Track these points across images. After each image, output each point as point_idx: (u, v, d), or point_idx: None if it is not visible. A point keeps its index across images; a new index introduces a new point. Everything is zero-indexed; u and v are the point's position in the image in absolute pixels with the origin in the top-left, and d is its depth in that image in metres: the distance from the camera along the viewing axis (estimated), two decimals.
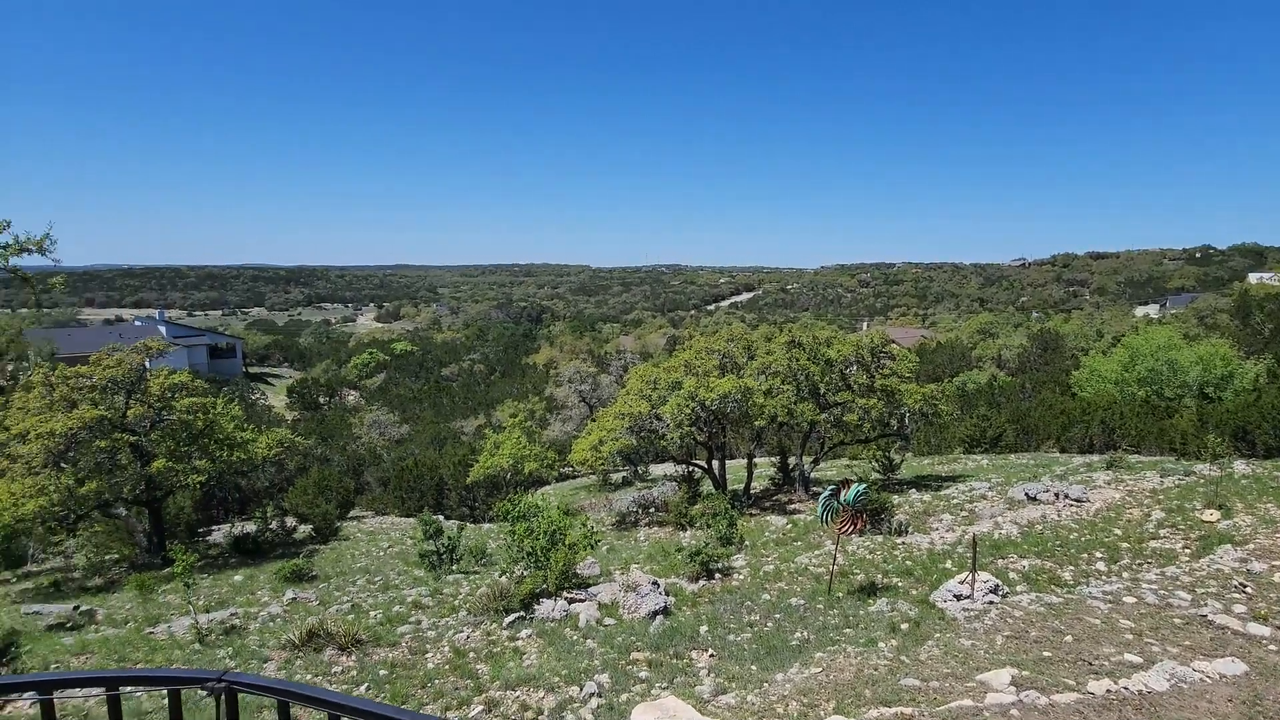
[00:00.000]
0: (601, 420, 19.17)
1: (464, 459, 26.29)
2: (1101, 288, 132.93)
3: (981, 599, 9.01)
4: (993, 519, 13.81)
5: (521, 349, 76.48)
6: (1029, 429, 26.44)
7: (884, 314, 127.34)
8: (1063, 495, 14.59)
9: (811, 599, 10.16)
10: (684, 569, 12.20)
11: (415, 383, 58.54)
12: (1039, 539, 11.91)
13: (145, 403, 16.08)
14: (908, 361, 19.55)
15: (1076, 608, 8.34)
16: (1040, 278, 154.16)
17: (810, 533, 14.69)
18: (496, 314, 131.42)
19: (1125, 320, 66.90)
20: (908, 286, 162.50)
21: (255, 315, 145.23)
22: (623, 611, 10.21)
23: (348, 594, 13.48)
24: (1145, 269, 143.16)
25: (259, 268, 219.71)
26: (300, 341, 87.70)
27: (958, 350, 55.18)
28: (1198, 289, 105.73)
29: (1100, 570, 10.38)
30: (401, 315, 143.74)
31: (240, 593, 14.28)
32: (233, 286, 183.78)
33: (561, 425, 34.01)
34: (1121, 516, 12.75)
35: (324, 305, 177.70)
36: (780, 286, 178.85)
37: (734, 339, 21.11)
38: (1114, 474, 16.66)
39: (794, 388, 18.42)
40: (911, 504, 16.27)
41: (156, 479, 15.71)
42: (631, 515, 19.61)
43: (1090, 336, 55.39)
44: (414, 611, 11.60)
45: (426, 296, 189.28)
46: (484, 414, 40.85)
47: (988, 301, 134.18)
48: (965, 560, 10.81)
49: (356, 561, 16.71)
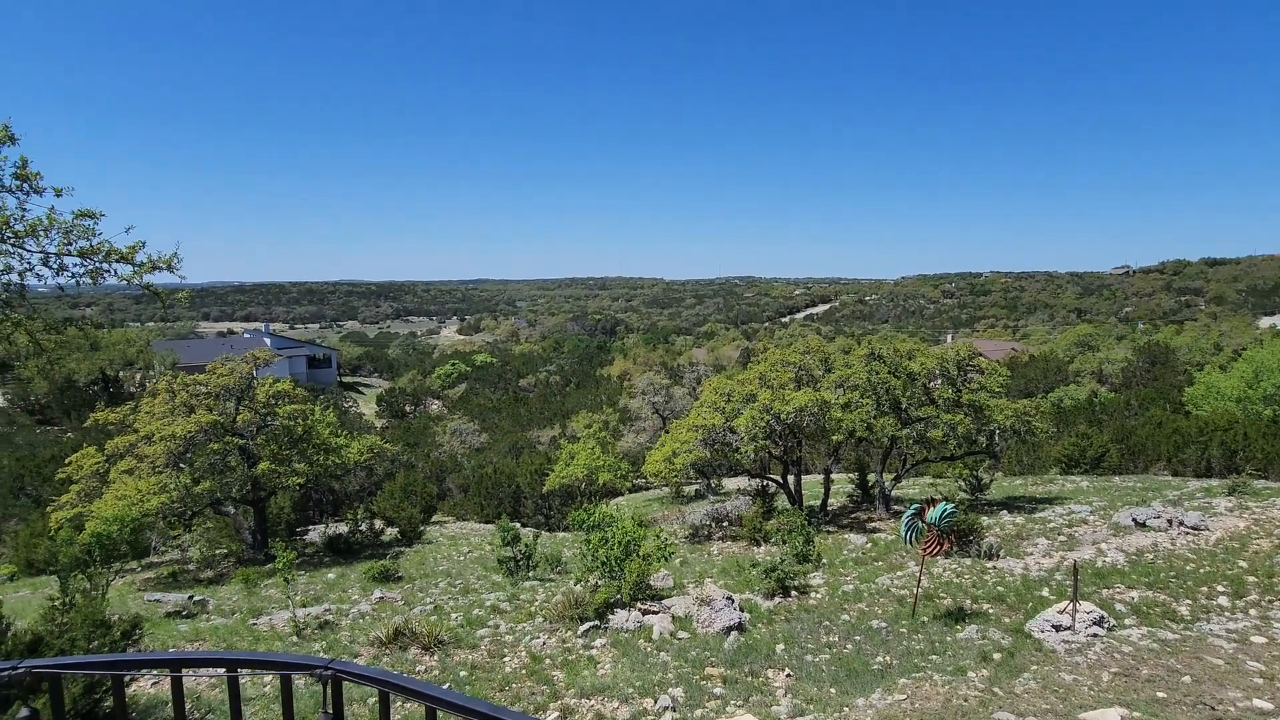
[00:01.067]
0: (675, 432, 19.15)
1: (540, 468, 26.87)
2: (1219, 296, 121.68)
3: (1084, 631, 8.40)
4: (1095, 545, 12.84)
5: (596, 361, 77.59)
6: (1135, 449, 24.46)
7: (970, 326, 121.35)
8: (1177, 522, 13.40)
9: (894, 622, 9.75)
10: (759, 585, 11.98)
11: (494, 393, 60.44)
12: (1150, 569, 10.98)
13: (252, 409, 17.37)
14: (997, 375, 18.53)
15: (1195, 646, 7.64)
16: (1147, 286, 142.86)
17: (892, 553, 14.12)
18: (572, 326, 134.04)
19: (1248, 332, 60.98)
20: (996, 297, 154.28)
21: (349, 328, 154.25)
22: (696, 625, 10.13)
23: (430, 595, 14.00)
24: (1272, 275, 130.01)
25: (353, 283, 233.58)
26: (389, 353, 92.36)
27: (1052, 364, 51.81)
28: None
29: (1223, 605, 9.46)
30: (482, 327, 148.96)
31: (333, 590, 15.09)
32: (329, 301, 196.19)
33: (635, 437, 34.20)
34: (1247, 547, 11.59)
35: (411, 318, 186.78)
36: (858, 298, 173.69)
37: (810, 351, 20.65)
38: (1237, 500, 15.17)
39: (874, 401, 17.82)
40: (1002, 526, 15.37)
41: (261, 480, 16.88)
42: (704, 528, 19.44)
43: (1207, 350, 50.79)
44: (492, 615, 11.92)
45: (505, 309, 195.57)
46: (559, 424, 41.64)
47: (1086, 312, 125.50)
48: (1064, 588, 10.10)
49: (439, 565, 17.34)
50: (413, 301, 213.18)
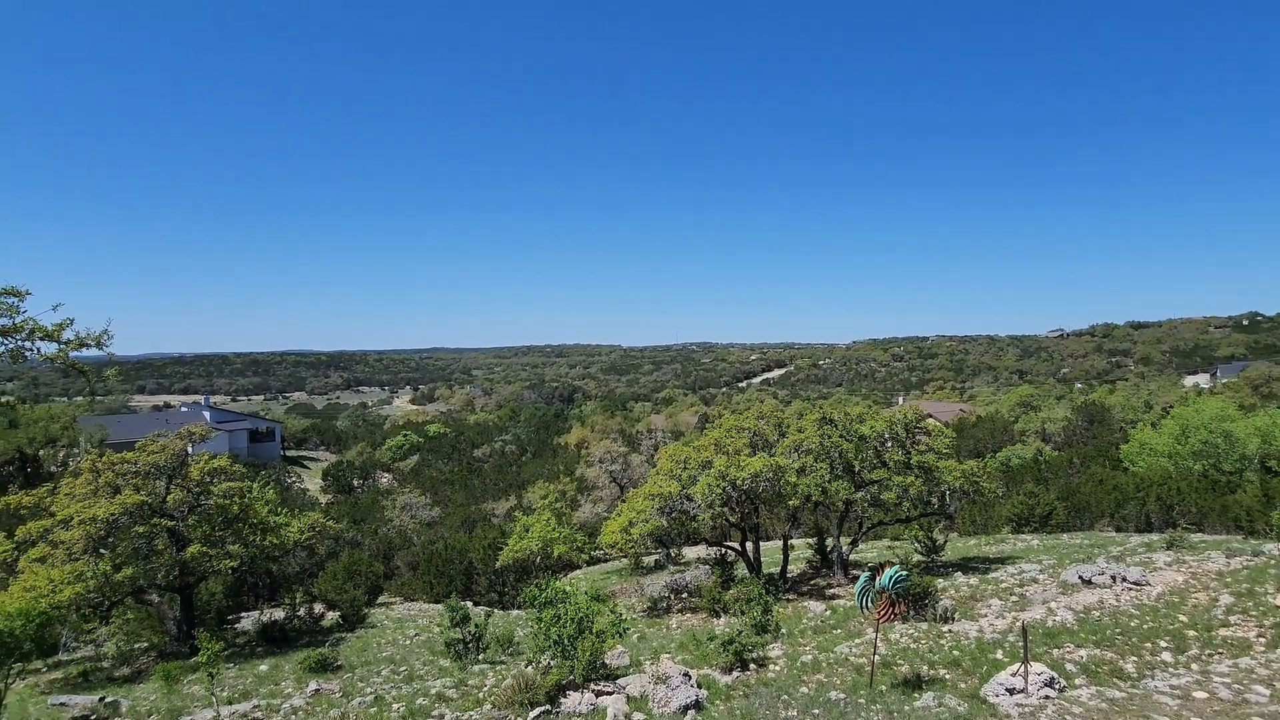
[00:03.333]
0: (631, 501, 18.91)
1: (494, 542, 26.01)
2: (1145, 357, 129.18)
3: (1037, 693, 8.38)
4: (1045, 604, 12.99)
5: (553, 429, 76.74)
6: (1080, 506, 25.20)
7: (919, 388, 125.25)
8: (1120, 578, 13.71)
9: (853, 692, 9.56)
10: (717, 659, 11.65)
11: (448, 464, 58.87)
12: (1097, 627, 11.14)
13: (185, 487, 16.48)
14: (944, 437, 19.05)
15: (1142, 703, 7.70)
16: (1080, 348, 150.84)
17: (850, 620, 13.98)
18: (529, 394, 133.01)
19: (1174, 390, 64.56)
20: (943, 360, 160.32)
21: (296, 399, 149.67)
22: (652, 705, 9.73)
23: (371, 685, 13.15)
24: (1191, 337, 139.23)
25: (301, 353, 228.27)
26: (337, 424, 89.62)
27: (999, 424, 53.60)
28: (1248, 357, 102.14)
29: (1166, 661, 9.61)
30: (436, 397, 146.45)
31: (264, 683, 14.03)
32: (275, 372, 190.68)
33: (592, 506, 33.58)
34: (1186, 601, 11.90)
35: (362, 388, 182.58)
36: (812, 362, 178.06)
37: (764, 416, 20.92)
38: (1175, 554, 15.67)
39: (827, 465, 18.03)
40: (957, 588, 15.44)
41: (191, 564, 15.85)
42: (664, 601, 18.96)
43: (1138, 408, 53.43)
44: (437, 704, 11.23)
45: (460, 378, 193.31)
46: (515, 495, 40.65)
47: (1026, 374, 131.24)
48: (1017, 650, 10.13)
49: (382, 650, 16.36)
50: (364, 371, 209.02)
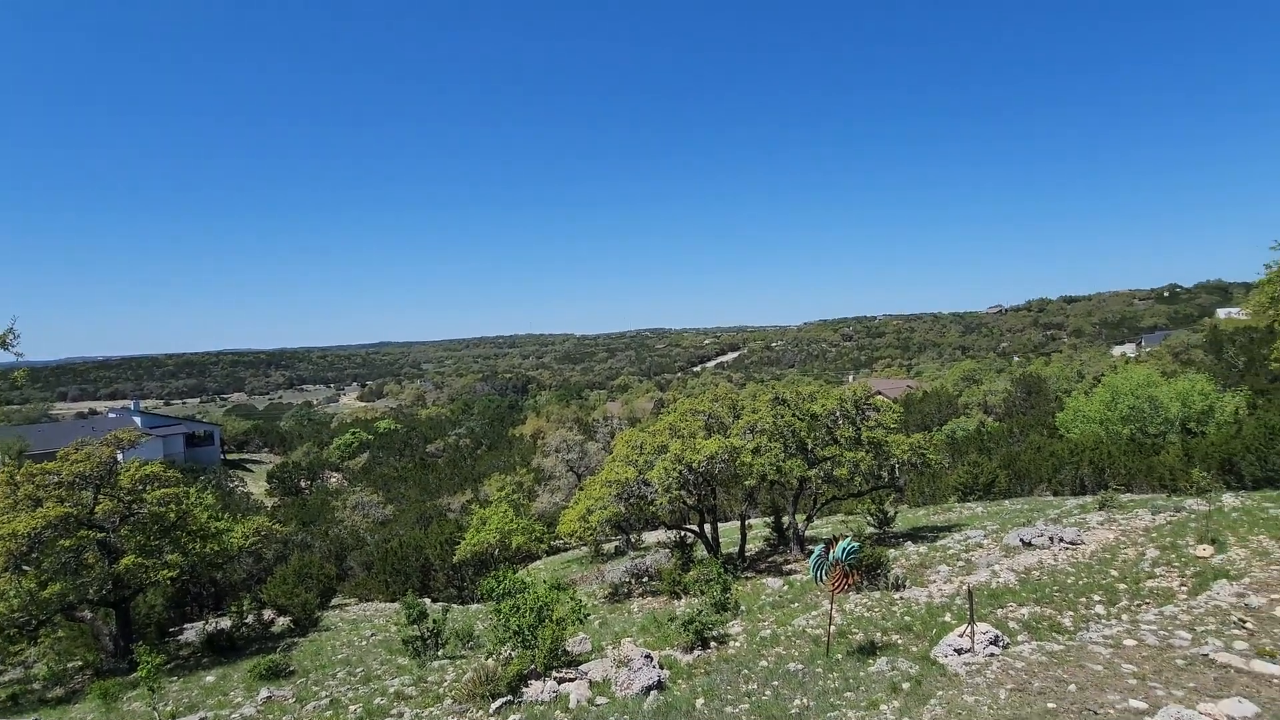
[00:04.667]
0: (589, 489, 18.84)
1: (450, 537, 25.59)
2: (1078, 330, 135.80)
3: (983, 651, 8.73)
4: (989, 568, 13.54)
5: (508, 421, 75.89)
6: (1020, 473, 26.35)
7: (868, 366, 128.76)
8: (1057, 539, 14.40)
9: (810, 662, 9.78)
10: (678, 639, 11.75)
11: (400, 461, 57.61)
12: (1037, 586, 11.67)
13: (115, 497, 15.58)
14: (891, 412, 19.59)
15: (1078, 654, 8.09)
16: (1017, 323, 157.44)
17: (807, 593, 14.29)
18: (482, 387, 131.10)
19: (1104, 360, 68.06)
20: (890, 338, 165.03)
21: (235, 400, 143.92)
22: (615, 689, 9.75)
23: (326, 689, 12.79)
24: (1118, 310, 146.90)
25: (239, 352, 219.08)
26: (281, 425, 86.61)
27: (944, 398, 55.54)
28: (1169, 326, 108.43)
29: (1099, 614, 10.14)
30: (385, 393, 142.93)
31: (212, 695, 13.49)
32: (211, 373, 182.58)
33: (550, 496, 33.39)
34: (1117, 557, 12.57)
35: (306, 387, 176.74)
36: (765, 344, 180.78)
37: (718, 399, 21.10)
38: (1106, 514, 16.53)
39: (781, 445, 18.32)
40: (908, 556, 15.96)
41: (125, 577, 15.04)
42: (624, 586, 19.02)
43: (1071, 378, 56.12)
44: (396, 703, 11.01)
45: (410, 373, 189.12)
46: (471, 489, 40.08)
47: (969, 349, 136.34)
48: (964, 612, 10.52)
49: (337, 653, 15.93)
50: (307, 369, 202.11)
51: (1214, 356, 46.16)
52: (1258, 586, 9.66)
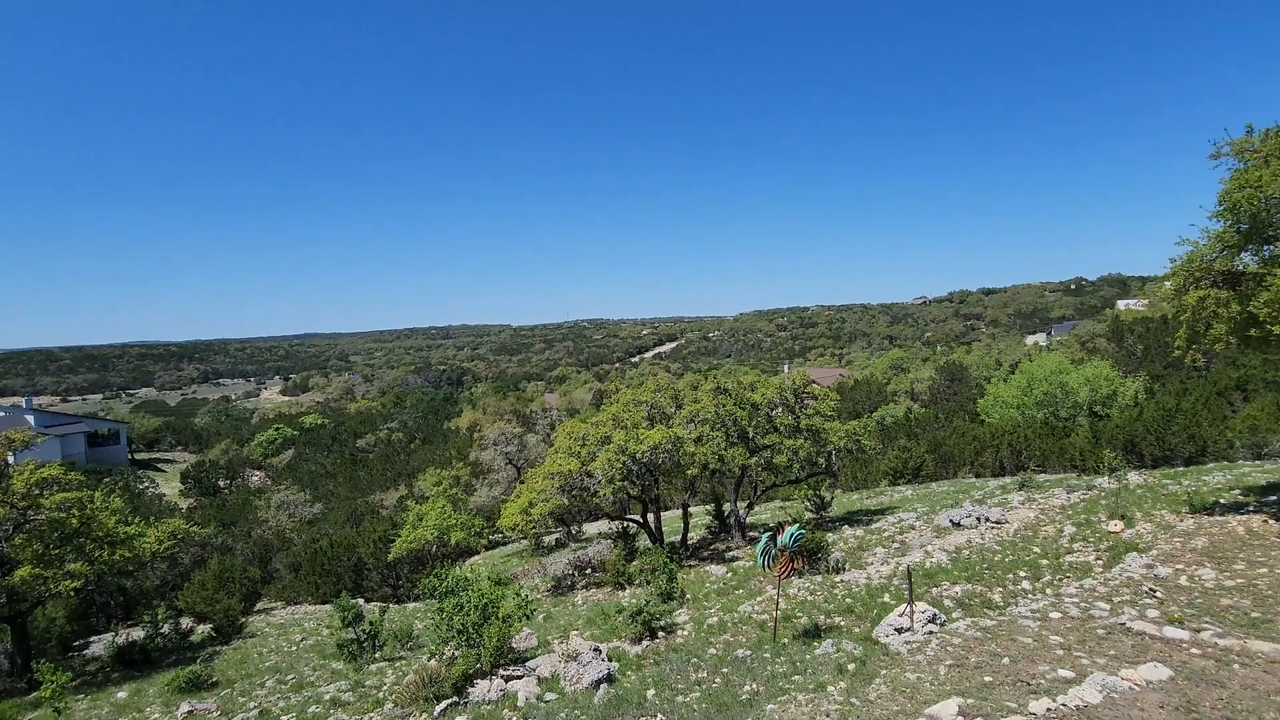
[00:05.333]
0: (530, 482, 18.54)
1: (384, 535, 24.72)
2: (995, 320, 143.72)
3: (921, 630, 9.05)
4: (923, 548, 14.11)
5: (442, 414, 74.03)
6: (946, 457, 27.64)
7: (802, 355, 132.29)
8: (984, 519, 15.15)
9: (757, 648, 9.91)
10: (626, 631, 11.70)
11: (328, 457, 55.30)
12: (968, 564, 12.22)
13: (7, 503, 14.20)
14: (829, 400, 20.10)
15: (1009, 628, 8.50)
16: (941, 314, 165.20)
17: (750, 579, 14.52)
18: (414, 379, 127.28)
19: (1019, 349, 72.24)
20: (822, 328, 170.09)
21: (143, 396, 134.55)
22: (564, 684, 9.60)
23: (255, 699, 12.11)
24: (1030, 301, 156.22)
25: (147, 345, 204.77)
26: (195, 422, 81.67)
27: (874, 386, 57.69)
28: (1076, 317, 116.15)
29: (1026, 589, 10.71)
30: (310, 387, 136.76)
31: (125, 712, 12.55)
32: (115, 367, 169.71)
33: (489, 490, 32.74)
34: (1038, 534, 13.32)
35: (223, 381, 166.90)
36: (702, 335, 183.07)
37: (661, 389, 21.14)
38: (1026, 494, 17.51)
39: (723, 434, 18.52)
40: (845, 540, 16.46)
41: (21, 590, 13.76)
42: (568, 578, 18.86)
43: (991, 366, 59.32)
44: (332, 710, 10.53)
45: (337, 365, 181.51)
46: (405, 484, 38.87)
47: (896, 338, 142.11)
48: (902, 592, 10.90)
49: (265, 660, 15.12)
50: (224, 362, 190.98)
51: (1116, 345, 49.77)
52: (1164, 558, 10.41)
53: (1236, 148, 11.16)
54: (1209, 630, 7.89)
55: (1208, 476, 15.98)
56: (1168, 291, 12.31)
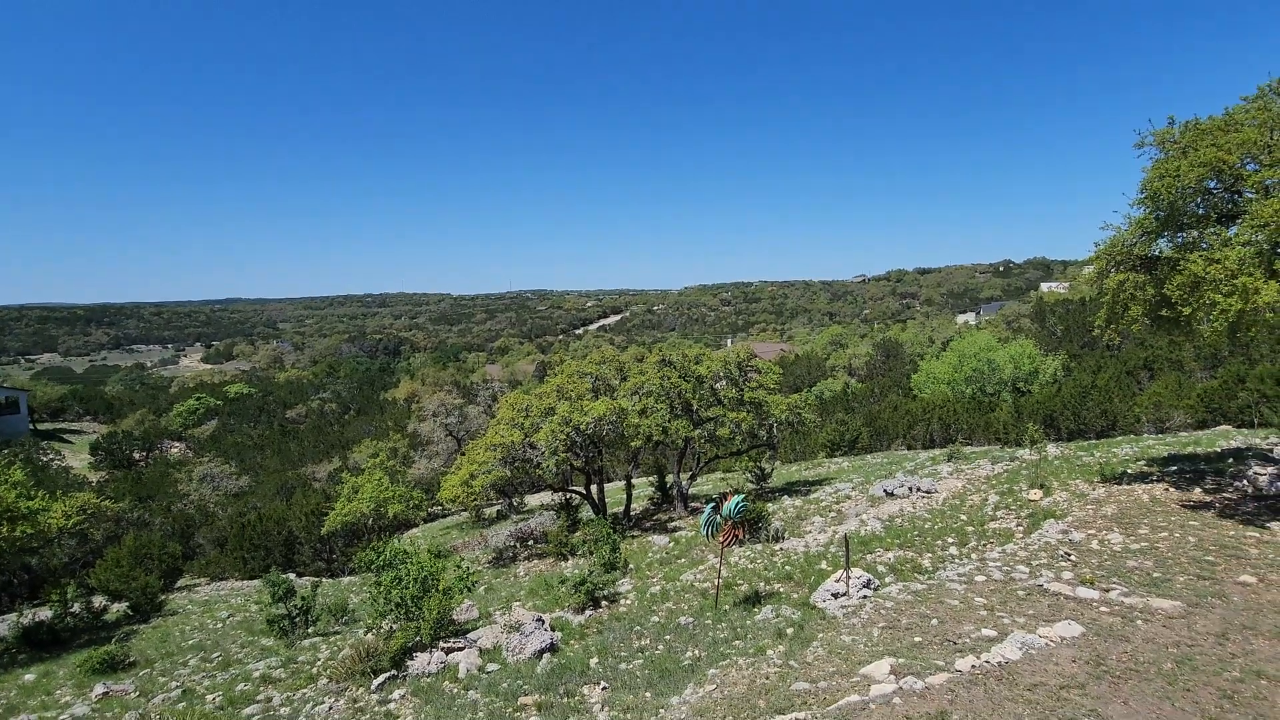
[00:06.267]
0: (471, 453, 18.20)
1: (317, 507, 23.91)
2: (929, 299, 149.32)
3: (856, 595, 9.38)
4: (858, 517, 14.62)
5: (379, 384, 71.84)
6: (880, 430, 28.69)
7: (746, 330, 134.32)
8: (915, 489, 15.79)
9: (699, 615, 10.07)
10: (569, 601, 11.71)
11: (255, 428, 52.97)
12: (900, 531, 12.73)
13: None
14: (772, 374, 20.43)
15: (938, 592, 8.89)
16: (879, 292, 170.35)
17: (693, 549, 14.74)
18: (348, 348, 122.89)
19: (950, 327, 75.42)
20: (765, 304, 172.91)
21: (46, 362, 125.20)
22: (506, 654, 9.53)
23: (177, 678, 11.55)
24: (962, 281, 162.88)
25: (48, 307, 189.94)
26: (106, 390, 76.63)
27: (814, 361, 59.21)
28: (1003, 298, 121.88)
29: (953, 554, 11.24)
30: (235, 355, 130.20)
31: (33, 694, 11.78)
32: (13, 330, 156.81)
33: (428, 462, 32.05)
34: (965, 503, 13.99)
35: (136, 347, 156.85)
36: (647, 308, 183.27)
37: (605, 361, 21.01)
38: (954, 465, 18.36)
39: (667, 406, 18.59)
40: (785, 510, 16.89)
41: None
42: (509, 550, 18.72)
43: (924, 343, 61.74)
44: (262, 687, 10.14)
45: (265, 333, 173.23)
46: (339, 456, 37.64)
47: (836, 315, 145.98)
48: (839, 559, 11.27)
49: (188, 638, 14.44)
50: (137, 327, 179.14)
51: (1039, 325, 52.53)
52: (1078, 524, 11.09)
53: (1159, 138, 11.72)
54: (1116, 590, 8.46)
55: (1117, 449, 17.11)
56: (1090, 275, 12.94)
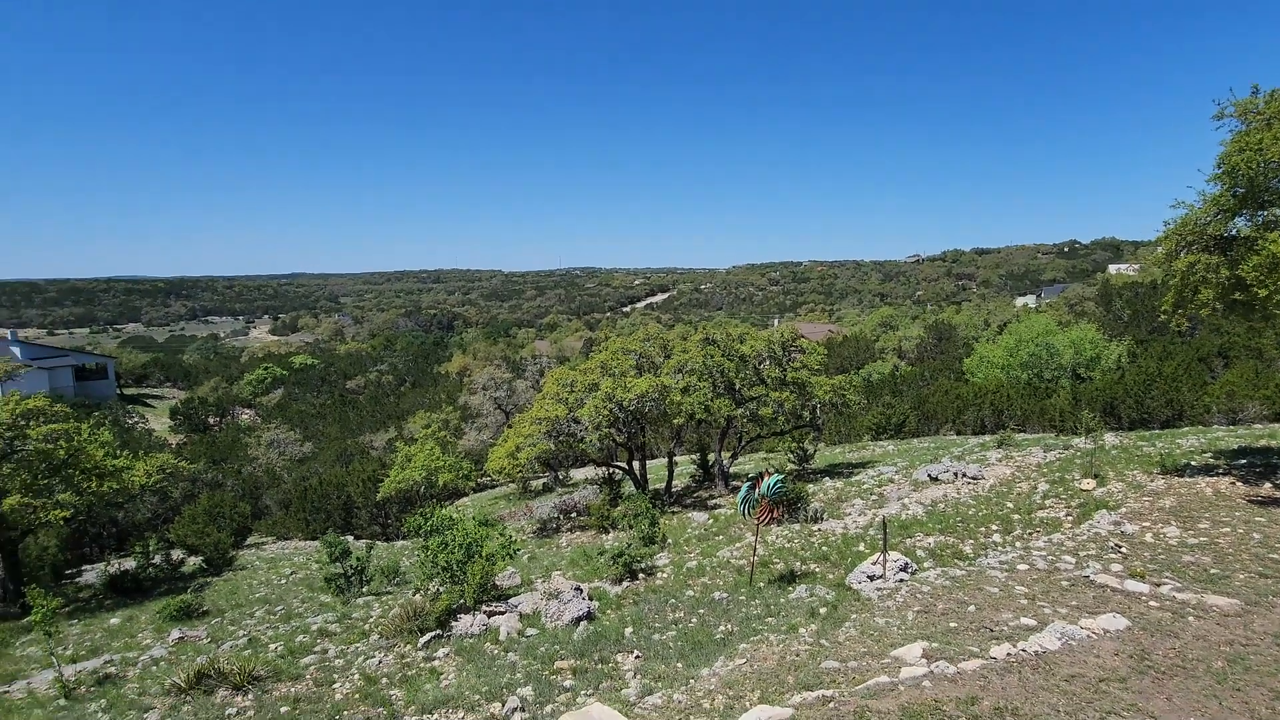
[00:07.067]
0: (518, 426, 18.69)
1: (373, 475, 25.01)
2: (986, 280, 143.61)
3: (893, 578, 9.35)
4: (900, 501, 14.45)
5: (433, 358, 73.93)
6: (929, 414, 28.03)
7: (793, 310, 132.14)
8: (961, 474, 15.47)
9: (734, 591, 10.23)
10: (607, 572, 12.03)
11: (317, 398, 55.38)
12: (942, 517, 12.54)
13: None
14: (816, 354, 20.19)
15: (977, 578, 8.79)
16: (933, 273, 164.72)
17: (731, 526, 14.87)
18: (404, 322, 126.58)
19: (1008, 310, 72.47)
20: (814, 283, 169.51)
21: (130, 331, 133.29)
22: (545, 620, 9.91)
23: (244, 628, 12.44)
24: (1023, 263, 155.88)
25: (133, 280, 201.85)
26: (184, 359, 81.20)
27: (862, 343, 57.95)
28: (1066, 280, 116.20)
29: (997, 542, 11.03)
30: (300, 327, 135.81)
31: (117, 637, 12.88)
32: (102, 301, 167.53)
33: (477, 434, 33.01)
34: (1012, 490, 13.65)
35: (211, 319, 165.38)
36: (694, 287, 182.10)
37: (650, 338, 21.15)
38: (1004, 452, 17.86)
39: (710, 384, 18.64)
40: (825, 492, 16.81)
41: (10, 517, 13.90)
42: (553, 521, 19.24)
43: (979, 326, 59.61)
44: (319, 640, 10.83)
45: (327, 306, 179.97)
46: (394, 426, 39.10)
47: (887, 296, 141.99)
48: (877, 542, 11.21)
49: (255, 592, 15.48)
50: (212, 299, 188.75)
51: (1104, 309, 50.01)
52: (1132, 516, 10.72)
53: (1240, 109, 10.97)
54: (1169, 584, 8.19)
55: (1182, 439, 16.33)
56: (1158, 256, 12.29)
